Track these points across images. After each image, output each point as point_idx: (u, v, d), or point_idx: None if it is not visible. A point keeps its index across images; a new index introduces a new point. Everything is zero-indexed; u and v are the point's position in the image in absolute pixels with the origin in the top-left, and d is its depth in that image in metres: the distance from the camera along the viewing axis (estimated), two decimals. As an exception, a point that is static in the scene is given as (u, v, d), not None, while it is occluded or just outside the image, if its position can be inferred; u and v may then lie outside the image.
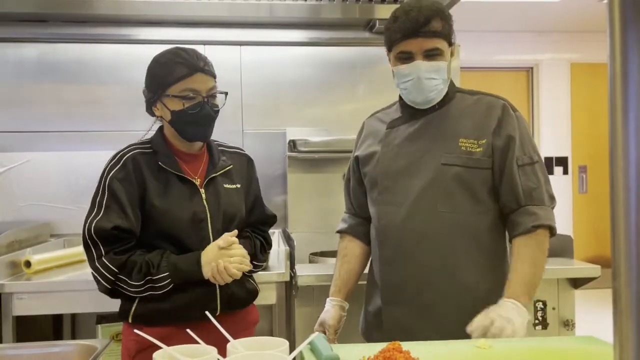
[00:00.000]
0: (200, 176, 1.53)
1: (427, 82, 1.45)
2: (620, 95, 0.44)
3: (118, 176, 1.44)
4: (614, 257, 0.46)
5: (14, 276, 2.10)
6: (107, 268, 1.40)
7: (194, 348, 1.04)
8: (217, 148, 1.61)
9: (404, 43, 1.44)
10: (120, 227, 1.41)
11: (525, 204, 1.44)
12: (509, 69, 5.91)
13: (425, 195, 1.46)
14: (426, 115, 1.52)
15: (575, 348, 1.19)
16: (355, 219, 1.68)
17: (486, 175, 1.46)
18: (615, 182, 0.45)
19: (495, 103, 1.51)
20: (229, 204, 1.54)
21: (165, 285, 1.41)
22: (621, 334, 0.45)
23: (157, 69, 1.50)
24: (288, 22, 2.85)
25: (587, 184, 5.99)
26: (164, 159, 1.49)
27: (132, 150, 1.50)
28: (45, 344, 1.19)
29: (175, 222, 1.45)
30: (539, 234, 1.42)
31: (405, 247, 1.47)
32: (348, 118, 2.90)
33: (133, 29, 2.78)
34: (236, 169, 1.61)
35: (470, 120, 1.49)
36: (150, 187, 1.45)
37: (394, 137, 1.55)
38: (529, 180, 1.45)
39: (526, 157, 1.47)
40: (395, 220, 1.49)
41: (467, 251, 1.45)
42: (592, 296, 4.33)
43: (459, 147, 1.46)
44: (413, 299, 1.47)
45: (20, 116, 2.72)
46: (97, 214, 1.43)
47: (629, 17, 0.44)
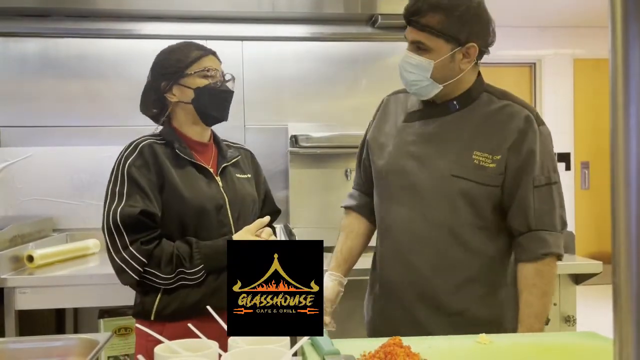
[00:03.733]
0: (213, 166, 1.54)
1: (407, 74, 1.41)
2: (622, 90, 0.44)
3: (136, 163, 1.42)
4: (614, 253, 0.46)
5: (16, 271, 2.10)
6: (135, 258, 1.35)
7: (195, 342, 1.04)
8: (222, 141, 1.62)
9: (407, 30, 1.42)
10: (146, 211, 1.37)
11: (535, 228, 1.39)
12: (512, 64, 5.89)
13: (427, 202, 1.43)
14: (444, 116, 1.45)
15: (576, 344, 1.19)
16: (363, 197, 1.63)
17: (494, 192, 1.40)
18: (616, 177, 0.45)
19: (519, 112, 1.41)
20: (244, 192, 1.56)
21: (200, 276, 1.40)
22: (621, 330, 0.45)
23: (170, 56, 1.52)
24: (290, 17, 2.85)
25: (590, 180, 5.98)
26: (180, 147, 1.48)
27: (146, 139, 1.49)
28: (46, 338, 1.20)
29: (198, 208, 1.44)
30: (547, 262, 1.38)
31: (404, 249, 1.46)
32: (350, 113, 2.89)
33: (135, 23, 2.78)
34: (243, 161, 1.63)
35: (489, 131, 1.41)
36: (169, 174, 1.44)
37: (408, 133, 1.49)
38: (543, 202, 1.39)
39: (544, 177, 1.39)
40: (393, 219, 1.48)
41: (459, 262, 1.42)
42: (594, 292, 4.33)
43: (472, 160, 1.39)
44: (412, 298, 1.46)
45: (22, 111, 2.72)
46: (120, 202, 1.38)
47: (630, 12, 0.44)
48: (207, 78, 1.49)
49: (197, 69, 1.49)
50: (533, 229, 1.39)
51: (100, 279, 2.04)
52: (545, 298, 1.39)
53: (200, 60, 1.49)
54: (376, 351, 1.06)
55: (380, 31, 2.86)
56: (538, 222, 1.39)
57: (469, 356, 1.11)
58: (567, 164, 5.93)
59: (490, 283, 1.45)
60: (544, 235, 1.38)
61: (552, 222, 1.40)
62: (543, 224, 1.39)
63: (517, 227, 1.41)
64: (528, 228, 1.39)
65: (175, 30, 2.72)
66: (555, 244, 1.39)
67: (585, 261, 2.25)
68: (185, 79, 1.49)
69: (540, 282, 1.38)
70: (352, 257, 1.59)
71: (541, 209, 1.39)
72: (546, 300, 1.39)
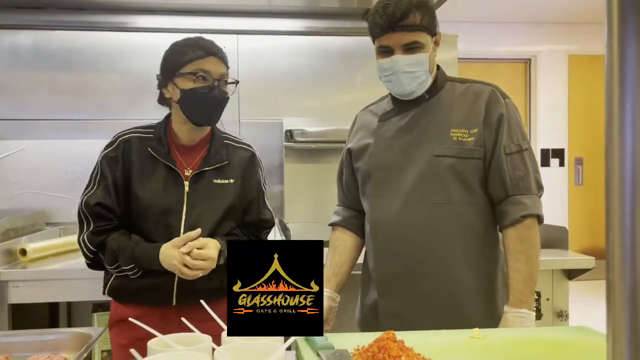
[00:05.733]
0: (193, 168, 1.52)
1: (406, 75, 1.45)
2: (617, 86, 0.44)
3: (108, 156, 1.50)
4: (608, 248, 0.46)
5: (9, 264, 2.10)
6: (86, 246, 1.47)
7: (188, 336, 1.04)
8: (221, 141, 1.58)
9: (383, 37, 1.45)
10: (102, 204, 1.46)
11: (512, 194, 1.44)
12: (507, 60, 5.89)
13: (418, 187, 1.46)
14: (417, 107, 1.52)
15: (568, 338, 1.20)
16: (348, 212, 1.67)
17: (478, 165, 1.46)
18: (610, 173, 0.45)
19: (483, 89, 1.50)
20: (211, 200, 1.51)
21: (135, 272, 1.46)
22: (614, 325, 0.45)
23: (172, 52, 1.52)
24: (285, 11, 2.84)
25: (583, 176, 6.00)
26: (157, 146, 1.50)
27: (129, 133, 1.53)
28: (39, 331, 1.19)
29: (146, 210, 1.47)
30: (528, 224, 1.42)
31: (399, 239, 1.47)
32: (345, 108, 2.88)
33: (129, 16, 2.76)
34: (233, 165, 1.57)
35: (461, 109, 1.49)
36: (134, 172, 1.48)
37: (386, 129, 1.55)
38: (517, 168, 1.45)
39: (514, 145, 1.46)
40: (388, 213, 1.49)
41: (460, 242, 1.46)
42: (586, 287, 4.36)
43: (451, 138, 1.46)
44: (408, 290, 1.47)
45: (15, 104, 2.71)
46: (89, 190, 1.50)
47: (627, 8, 0.43)
48: (196, 81, 1.47)
49: (189, 71, 1.47)
50: (510, 194, 1.44)
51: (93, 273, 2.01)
52: (530, 262, 1.41)
53: (196, 62, 1.47)
54: (370, 345, 1.06)
55: (375, 26, 2.85)
56: (514, 187, 1.44)
57: (463, 351, 1.12)
58: (561, 159, 5.95)
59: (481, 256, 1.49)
60: (521, 198, 1.44)
61: (527, 186, 1.45)
62: (519, 188, 1.44)
63: (496, 194, 1.47)
64: (506, 194, 1.45)
65: (170, 24, 2.71)
66: (533, 205, 1.43)
67: (578, 256, 2.26)
68: (177, 78, 1.49)
69: (524, 247, 1.42)
70: (341, 272, 1.60)
71: (515, 175, 1.44)
72: (532, 265, 1.42)
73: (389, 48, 1.45)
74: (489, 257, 1.51)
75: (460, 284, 1.45)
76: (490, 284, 1.49)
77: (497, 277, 1.51)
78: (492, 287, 1.50)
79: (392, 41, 1.44)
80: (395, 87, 1.50)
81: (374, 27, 1.46)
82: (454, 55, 2.89)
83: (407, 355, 1.02)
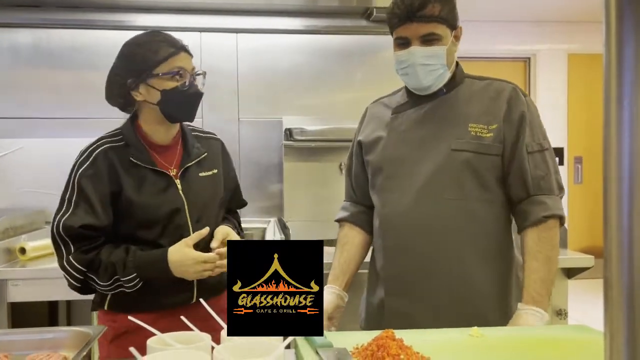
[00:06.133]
0: (176, 166, 1.49)
1: (423, 68, 1.41)
2: (615, 85, 0.44)
3: (87, 173, 1.41)
4: (606, 247, 0.46)
5: (8, 263, 2.10)
6: (74, 267, 1.38)
7: (188, 335, 1.04)
8: (191, 134, 1.56)
9: (400, 28, 1.41)
10: (88, 225, 1.38)
11: (534, 193, 1.40)
12: (506, 59, 5.89)
13: (432, 182, 1.41)
14: (433, 100, 1.48)
15: (567, 337, 1.20)
16: (356, 207, 1.62)
17: (495, 162, 1.42)
18: (608, 172, 0.45)
19: (504, 87, 1.47)
20: (206, 192, 1.52)
21: (134, 284, 1.39)
22: (612, 323, 0.45)
23: (138, 50, 1.43)
24: (285, 9, 2.84)
25: (583, 175, 6.01)
26: (136, 153, 1.44)
27: (102, 145, 1.45)
28: (39, 330, 1.19)
29: (152, 215, 1.43)
30: (550, 225, 1.38)
31: (409, 236, 1.42)
32: (345, 107, 2.89)
33: (128, 15, 2.76)
34: (212, 155, 1.57)
35: (480, 104, 1.45)
36: (125, 182, 1.42)
37: (400, 122, 1.50)
38: (538, 168, 1.41)
39: (535, 144, 1.43)
40: (399, 208, 1.44)
41: (473, 240, 1.41)
42: (586, 286, 4.36)
43: (469, 132, 1.42)
44: (417, 290, 1.42)
45: (14, 102, 2.71)
46: (66, 212, 1.40)
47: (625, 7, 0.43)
48: (176, 80, 1.42)
49: (166, 70, 1.41)
50: (531, 194, 1.40)
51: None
52: (549, 263, 1.37)
53: (170, 60, 1.41)
54: (369, 344, 1.06)
55: (375, 24, 2.85)
56: (535, 187, 1.40)
57: (461, 349, 1.12)
58: (560, 158, 5.92)
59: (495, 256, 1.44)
60: (543, 198, 1.40)
61: (549, 186, 1.41)
62: (540, 188, 1.40)
63: (516, 193, 1.42)
64: (527, 193, 1.41)
65: (169, 22, 2.71)
66: (555, 206, 1.40)
67: (578, 255, 2.27)
68: (152, 79, 1.42)
69: (544, 247, 1.37)
70: (350, 269, 1.55)
71: (537, 174, 1.40)
72: (551, 265, 1.37)
73: (406, 40, 1.41)
74: (504, 258, 1.46)
75: (473, 284, 1.40)
76: (504, 285, 1.44)
77: (511, 279, 1.46)
78: (506, 290, 1.45)
79: (409, 32, 1.40)
80: (412, 81, 1.45)
81: (392, 17, 1.42)
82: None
83: (406, 353, 1.02)
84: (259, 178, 2.90)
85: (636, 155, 0.43)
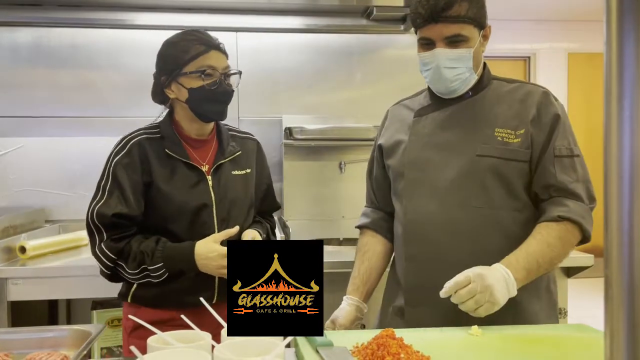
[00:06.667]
0: (209, 162, 1.52)
1: (447, 71, 1.34)
2: (615, 83, 0.44)
3: (122, 162, 1.45)
4: (606, 245, 0.46)
5: (8, 261, 2.10)
6: (105, 254, 1.42)
7: (188, 334, 1.04)
8: (227, 133, 1.60)
9: (424, 29, 1.34)
10: (120, 213, 1.42)
11: (556, 195, 1.32)
12: (507, 58, 5.89)
13: (457, 188, 1.34)
14: (458, 103, 1.41)
15: (567, 336, 1.20)
16: (377, 213, 1.55)
17: (523, 168, 1.34)
18: (608, 170, 0.45)
19: (535, 90, 1.40)
20: (236, 191, 1.53)
21: (161, 274, 1.42)
22: (612, 322, 0.45)
23: (171, 49, 1.48)
24: (285, 8, 2.83)
25: (583, 174, 6.01)
26: (171, 145, 1.48)
27: (138, 136, 1.49)
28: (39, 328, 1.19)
29: (180, 208, 1.45)
30: (565, 226, 1.29)
31: (433, 244, 1.35)
32: (345, 106, 2.89)
33: (129, 13, 2.76)
34: (246, 155, 1.60)
35: (507, 108, 1.38)
36: (157, 173, 1.45)
37: (423, 125, 1.43)
38: (566, 173, 1.33)
39: (565, 148, 1.35)
40: (423, 215, 1.37)
41: (500, 250, 1.29)
42: (585, 285, 4.36)
43: (495, 138, 1.35)
44: (440, 300, 1.26)
45: (14, 101, 2.70)
46: (100, 200, 1.44)
47: (625, 5, 0.43)
48: (203, 79, 1.45)
49: (194, 69, 1.45)
50: (554, 195, 1.33)
51: (93, 270, 2.01)
52: (546, 249, 1.26)
53: (199, 58, 1.45)
54: (369, 343, 1.06)
55: (375, 23, 2.85)
56: (560, 189, 1.33)
57: (461, 348, 1.12)
58: (560, 157, 5.96)
59: None
60: (565, 201, 1.32)
61: (575, 191, 1.32)
62: (565, 191, 1.32)
63: (539, 193, 1.35)
64: (549, 195, 1.33)
65: (170, 21, 2.70)
66: (576, 211, 1.30)
67: (577, 254, 2.26)
68: (181, 77, 1.46)
69: (549, 233, 1.28)
70: (371, 279, 1.47)
71: (563, 179, 1.33)
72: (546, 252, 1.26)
73: (430, 40, 1.34)
74: None
75: None
76: (534, 301, 1.36)
77: (541, 296, 1.39)
78: (536, 306, 1.36)
79: (433, 33, 1.33)
80: (436, 84, 1.39)
81: (416, 17, 1.35)
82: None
83: (406, 352, 1.02)
84: (259, 177, 2.90)
85: (637, 154, 0.43)
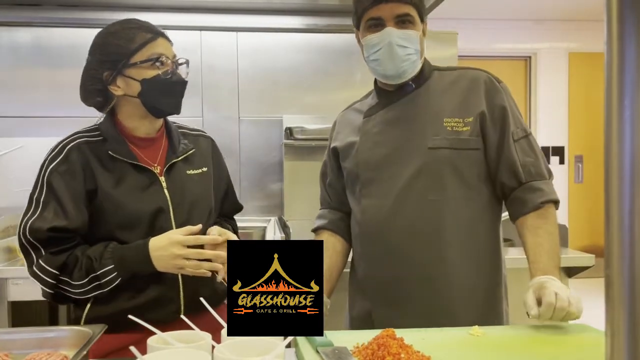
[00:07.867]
0: (160, 163, 1.36)
1: (399, 49, 1.35)
2: (616, 83, 0.44)
3: (59, 169, 1.28)
4: (607, 245, 0.46)
5: (9, 261, 2.10)
6: (45, 271, 1.24)
7: (188, 334, 1.04)
8: (177, 131, 1.43)
9: (374, 9, 1.35)
10: (57, 227, 1.24)
11: (527, 180, 1.36)
12: (507, 57, 5.89)
13: (414, 184, 1.35)
14: (403, 98, 1.42)
15: (568, 335, 1.20)
16: (335, 214, 1.56)
17: (475, 157, 1.37)
18: (609, 171, 0.45)
19: (477, 76, 1.42)
20: (194, 192, 1.37)
21: (111, 279, 1.24)
22: (613, 322, 0.45)
23: (111, 39, 1.31)
24: (285, 8, 2.84)
25: (583, 174, 6.00)
26: (116, 146, 1.31)
27: (76, 139, 1.33)
28: (39, 329, 1.19)
29: (133, 215, 1.28)
30: (548, 210, 1.34)
31: (393, 242, 1.36)
32: (345, 105, 2.87)
33: (128, 13, 2.75)
34: (200, 153, 1.44)
35: (454, 97, 1.39)
36: (102, 179, 1.28)
37: (372, 125, 1.44)
38: (526, 155, 1.37)
39: (520, 130, 1.39)
40: (381, 214, 1.38)
41: (460, 241, 1.35)
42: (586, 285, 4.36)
43: (445, 128, 1.36)
44: (406, 297, 1.35)
45: (14, 101, 2.71)
46: (34, 213, 1.26)
47: (626, 5, 0.43)
48: (156, 67, 1.30)
49: (144, 58, 1.29)
50: (524, 181, 1.37)
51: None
52: (552, 238, 1.31)
53: (148, 46, 1.29)
54: (369, 343, 1.06)
55: (375, 23, 2.85)
56: (527, 174, 1.37)
57: (462, 348, 1.12)
58: (560, 157, 5.95)
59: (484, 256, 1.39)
60: (538, 184, 1.36)
61: (539, 171, 1.38)
62: (532, 174, 1.37)
63: (508, 183, 1.38)
64: (519, 182, 1.37)
65: (169, 21, 2.71)
66: (550, 191, 1.37)
67: (578, 254, 2.27)
68: (130, 69, 1.29)
69: (544, 223, 1.33)
70: (332, 277, 1.49)
71: (526, 161, 1.37)
72: (554, 240, 1.31)
73: (380, 20, 1.35)
74: (493, 260, 1.40)
75: (462, 286, 1.35)
76: (494, 286, 1.40)
77: (501, 283, 1.42)
78: (496, 294, 1.40)
79: (384, 12, 1.34)
80: (384, 65, 1.37)
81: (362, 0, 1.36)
82: (454, 52, 2.88)
83: (407, 352, 1.02)
84: (259, 177, 2.90)
85: (637, 153, 0.43)
